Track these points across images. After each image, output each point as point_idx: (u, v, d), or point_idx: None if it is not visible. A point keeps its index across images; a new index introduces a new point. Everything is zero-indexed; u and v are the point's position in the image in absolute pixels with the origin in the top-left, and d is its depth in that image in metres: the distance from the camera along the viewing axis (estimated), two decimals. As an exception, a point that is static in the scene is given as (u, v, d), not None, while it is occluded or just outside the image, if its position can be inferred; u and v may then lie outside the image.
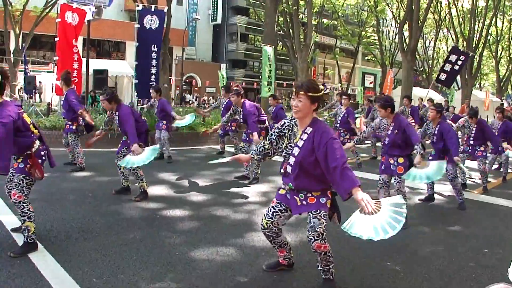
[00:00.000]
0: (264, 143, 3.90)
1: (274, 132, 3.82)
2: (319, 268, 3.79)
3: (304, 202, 3.62)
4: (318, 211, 3.56)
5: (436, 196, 7.74)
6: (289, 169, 3.64)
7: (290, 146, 3.65)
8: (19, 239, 4.48)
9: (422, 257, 4.83)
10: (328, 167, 3.37)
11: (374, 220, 3.20)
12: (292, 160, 3.60)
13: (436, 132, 6.90)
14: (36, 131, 4.49)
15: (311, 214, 3.58)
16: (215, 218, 5.82)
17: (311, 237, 3.55)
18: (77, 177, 7.92)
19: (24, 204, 4.34)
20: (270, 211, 3.79)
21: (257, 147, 3.96)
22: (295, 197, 3.66)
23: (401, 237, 5.46)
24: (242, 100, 8.00)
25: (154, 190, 7.18)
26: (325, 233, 3.56)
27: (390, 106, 5.79)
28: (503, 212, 7.15)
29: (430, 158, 7.06)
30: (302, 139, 3.56)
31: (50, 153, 4.68)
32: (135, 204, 6.26)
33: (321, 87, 3.64)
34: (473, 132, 8.32)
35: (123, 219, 5.57)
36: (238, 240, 5.00)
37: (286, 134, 3.72)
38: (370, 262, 4.55)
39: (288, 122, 3.73)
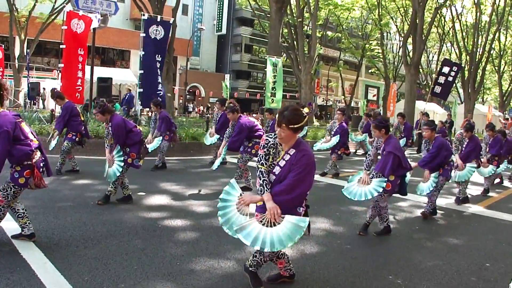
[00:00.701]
0: (264, 175, 3.76)
1: (263, 156, 3.76)
2: (254, 259, 3.87)
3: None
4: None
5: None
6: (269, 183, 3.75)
7: (273, 164, 3.73)
8: (20, 246, 4.47)
9: (424, 270, 4.80)
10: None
11: (270, 231, 3.52)
12: (272, 178, 3.72)
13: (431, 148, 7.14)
14: (35, 140, 4.57)
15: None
16: (217, 229, 5.78)
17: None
18: (79, 184, 7.92)
19: (2, 208, 4.50)
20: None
21: (262, 183, 3.75)
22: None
23: (403, 250, 5.46)
24: (238, 116, 8.05)
25: (156, 200, 7.17)
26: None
27: (384, 127, 5.86)
28: (506, 227, 7.12)
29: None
30: (284, 159, 3.67)
31: (48, 163, 4.78)
32: (137, 213, 6.24)
33: (305, 110, 3.65)
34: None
35: (125, 227, 5.56)
36: (239, 251, 4.98)
37: (271, 153, 3.75)
38: (372, 275, 4.53)
39: (272, 141, 3.75)
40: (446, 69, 17.72)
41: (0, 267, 4.02)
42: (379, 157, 6.10)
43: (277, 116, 3.68)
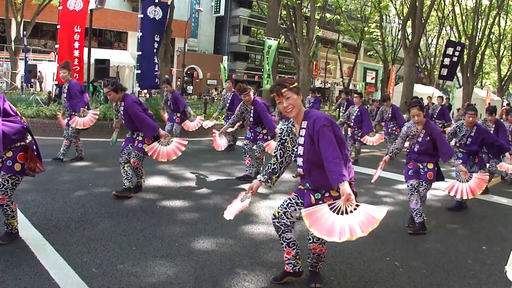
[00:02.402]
0: (270, 161, 3.77)
1: (277, 146, 3.71)
2: (308, 261, 3.81)
3: (320, 202, 3.47)
4: None
5: (434, 193, 7.75)
6: (300, 171, 3.59)
7: (295, 148, 3.59)
8: (19, 228, 4.47)
9: (421, 253, 4.84)
10: (321, 155, 3.32)
11: (341, 220, 3.13)
12: (300, 160, 3.54)
13: (472, 134, 6.78)
14: (24, 119, 4.21)
15: None
16: (215, 210, 5.81)
17: (310, 237, 3.60)
18: (77, 167, 7.91)
19: (7, 208, 4.13)
20: (286, 202, 3.72)
21: (265, 169, 3.76)
22: (311, 195, 3.57)
23: (401, 232, 5.49)
24: (253, 98, 7.62)
25: (154, 181, 7.18)
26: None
27: (423, 109, 5.59)
28: (503, 210, 7.16)
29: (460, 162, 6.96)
30: (302, 136, 3.49)
31: (38, 146, 4.44)
32: (135, 195, 6.25)
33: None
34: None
35: (123, 209, 5.57)
36: (238, 232, 5.00)
37: (288, 139, 3.66)
38: (369, 257, 4.56)
39: (285, 127, 3.68)
40: (450, 50, 17.70)
41: (-1, 248, 4.03)
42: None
43: (272, 95, 3.51)
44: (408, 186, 5.72)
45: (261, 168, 7.97)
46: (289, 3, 27.88)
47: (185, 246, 4.48)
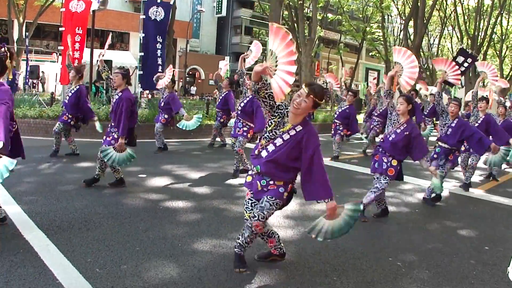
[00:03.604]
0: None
1: (272, 97, 3.61)
2: (238, 241, 3.93)
3: (264, 189, 3.76)
4: (274, 197, 3.70)
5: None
6: (263, 153, 3.73)
7: (274, 133, 3.69)
8: (22, 228, 4.50)
9: (423, 253, 4.84)
10: (310, 172, 3.63)
11: (332, 223, 3.73)
12: (271, 147, 3.69)
13: (453, 124, 6.88)
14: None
15: (265, 197, 3.72)
16: (218, 210, 5.83)
17: (256, 214, 3.70)
18: (80, 167, 7.94)
19: None
20: (248, 203, 3.91)
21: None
22: (257, 181, 3.79)
23: (403, 233, 5.50)
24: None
25: (157, 182, 7.20)
26: (266, 219, 3.75)
27: (412, 104, 5.70)
28: (504, 210, 7.15)
29: (435, 156, 7.05)
30: (288, 134, 3.64)
31: (22, 146, 4.57)
32: (138, 195, 6.27)
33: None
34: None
35: (126, 209, 5.59)
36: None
37: (276, 117, 3.69)
38: (372, 257, 4.57)
39: (283, 108, 3.70)
40: (460, 59, 17.67)
41: (3, 250, 4.04)
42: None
43: (302, 86, 3.63)
44: (374, 178, 5.86)
45: (240, 165, 8.13)
46: (291, 3, 27.91)
47: (189, 247, 4.49)
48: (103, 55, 6.50)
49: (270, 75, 3.40)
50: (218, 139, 11.80)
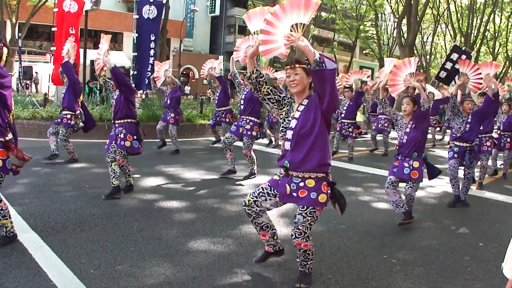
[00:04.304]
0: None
1: (275, 91, 3.72)
2: (297, 260, 3.76)
3: (294, 194, 3.54)
4: (305, 208, 3.49)
5: (431, 190, 7.79)
6: (287, 145, 3.57)
7: (288, 120, 3.62)
8: (16, 230, 4.47)
9: (418, 250, 4.85)
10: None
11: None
12: (289, 133, 3.55)
13: (469, 120, 6.79)
14: (11, 118, 4.20)
15: (298, 209, 3.54)
16: (212, 210, 5.82)
17: (293, 233, 3.54)
18: (74, 168, 7.91)
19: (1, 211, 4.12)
20: (257, 190, 3.76)
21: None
22: (286, 184, 3.58)
23: (397, 230, 5.50)
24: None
25: (152, 182, 7.19)
26: (308, 232, 3.51)
27: (418, 104, 5.67)
28: (499, 207, 7.18)
29: (455, 155, 6.92)
30: (299, 111, 3.54)
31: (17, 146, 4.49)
32: (132, 196, 6.26)
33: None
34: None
35: (121, 210, 5.58)
36: (235, 232, 5.01)
37: (285, 107, 3.68)
38: (367, 255, 4.57)
39: (289, 97, 3.70)
40: (454, 56, 17.71)
41: (-3, 251, 4.03)
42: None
43: (286, 67, 3.62)
44: (388, 179, 5.74)
45: (254, 167, 7.94)
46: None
47: (183, 246, 4.49)
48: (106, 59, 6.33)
49: (292, 41, 3.36)
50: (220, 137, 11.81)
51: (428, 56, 45.53)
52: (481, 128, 7.38)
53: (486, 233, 5.69)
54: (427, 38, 47.54)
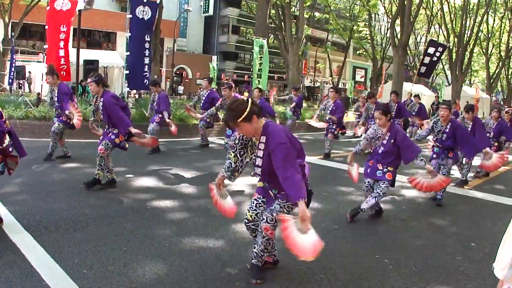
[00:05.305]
0: (231, 159, 3.89)
1: (237, 145, 3.86)
2: (254, 250, 3.82)
3: (278, 196, 3.69)
4: (285, 201, 3.60)
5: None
6: (259, 176, 3.77)
7: (254, 156, 3.73)
8: (9, 230, 4.46)
9: (410, 250, 4.87)
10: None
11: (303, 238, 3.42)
12: (258, 170, 3.70)
13: (447, 130, 6.83)
14: (8, 123, 4.33)
15: (278, 200, 3.66)
16: (205, 210, 5.82)
17: (264, 217, 3.62)
18: (67, 168, 7.88)
19: None
20: (253, 203, 3.83)
21: (225, 164, 3.93)
22: (269, 191, 3.78)
23: (390, 230, 5.53)
24: (233, 95, 7.87)
25: (144, 182, 7.17)
26: (277, 223, 3.58)
27: (390, 113, 5.72)
28: (491, 207, 7.22)
29: (434, 156, 7.09)
30: (260, 149, 3.62)
31: (20, 144, 4.66)
32: (125, 195, 6.25)
33: (245, 94, 3.67)
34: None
35: (113, 210, 5.56)
36: (228, 231, 5.01)
37: (248, 145, 3.82)
38: (360, 255, 4.59)
39: (246, 138, 3.81)
40: (431, 50, 17.94)
41: (-11, 251, 4.01)
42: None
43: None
44: (365, 182, 5.86)
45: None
46: (278, 2, 27.90)
47: (176, 246, 4.49)
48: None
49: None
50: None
51: (421, 57, 45.66)
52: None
53: (478, 233, 5.72)
54: (421, 38, 47.74)
